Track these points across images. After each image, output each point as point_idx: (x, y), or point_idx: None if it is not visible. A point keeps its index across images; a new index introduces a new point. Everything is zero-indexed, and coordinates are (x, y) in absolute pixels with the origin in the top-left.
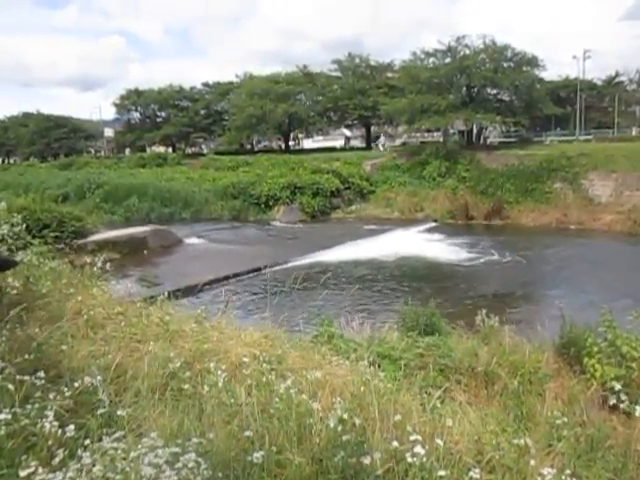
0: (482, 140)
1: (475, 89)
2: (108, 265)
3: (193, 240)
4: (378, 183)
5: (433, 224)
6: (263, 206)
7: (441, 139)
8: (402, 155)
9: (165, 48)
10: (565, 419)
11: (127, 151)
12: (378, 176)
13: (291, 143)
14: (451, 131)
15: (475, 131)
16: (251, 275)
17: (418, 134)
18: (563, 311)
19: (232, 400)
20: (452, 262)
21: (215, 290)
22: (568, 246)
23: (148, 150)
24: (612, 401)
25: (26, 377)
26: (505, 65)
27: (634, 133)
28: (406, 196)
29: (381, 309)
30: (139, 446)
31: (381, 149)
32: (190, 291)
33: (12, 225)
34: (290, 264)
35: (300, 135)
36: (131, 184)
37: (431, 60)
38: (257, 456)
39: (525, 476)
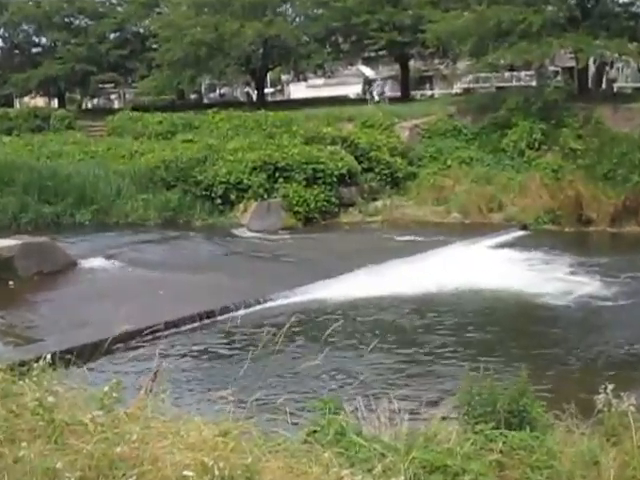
0: (605, 85)
1: None
2: None
3: (96, 262)
4: (423, 161)
5: (520, 233)
6: (219, 202)
7: (533, 83)
8: (465, 111)
9: None
10: None
11: None
12: (423, 148)
13: (268, 91)
14: (550, 69)
15: (593, 70)
16: (198, 324)
17: (493, 74)
18: None
19: None
20: (554, 301)
21: (136, 351)
22: None
23: (17, 104)
24: None
25: None
26: None
27: None
28: (473, 184)
29: (427, 383)
30: None
31: (376, 99)
32: (91, 353)
33: None
34: (268, 304)
35: (284, 77)
36: None
37: None
38: None
39: None
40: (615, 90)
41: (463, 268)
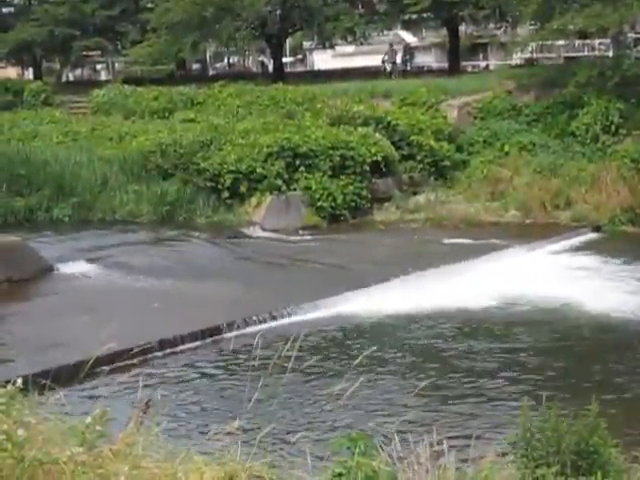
0: None
1: None
2: None
3: (77, 267)
4: (475, 147)
5: (592, 236)
6: (226, 195)
7: (609, 53)
8: (526, 87)
9: None
10: None
11: None
12: (475, 132)
13: (287, 60)
14: (630, 37)
15: None
16: (200, 343)
17: (560, 42)
18: None
19: None
20: (633, 322)
21: (123, 374)
22: None
23: None
24: None
25: None
26: None
27: None
28: (535, 175)
29: (477, 419)
30: None
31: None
32: (70, 376)
33: None
34: (285, 320)
35: (307, 44)
36: None
37: None
38: None
39: None
40: None
41: (521, 279)
